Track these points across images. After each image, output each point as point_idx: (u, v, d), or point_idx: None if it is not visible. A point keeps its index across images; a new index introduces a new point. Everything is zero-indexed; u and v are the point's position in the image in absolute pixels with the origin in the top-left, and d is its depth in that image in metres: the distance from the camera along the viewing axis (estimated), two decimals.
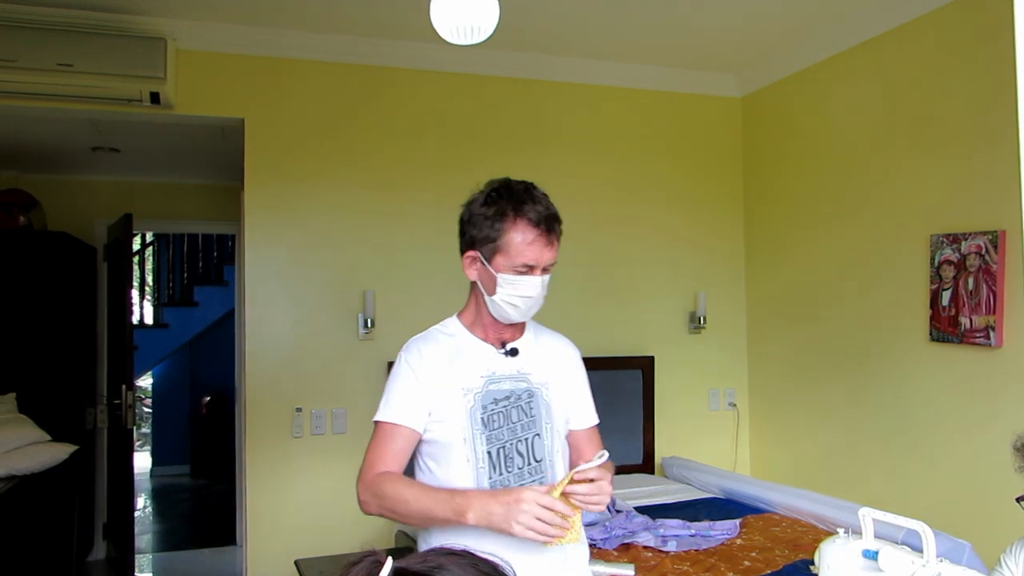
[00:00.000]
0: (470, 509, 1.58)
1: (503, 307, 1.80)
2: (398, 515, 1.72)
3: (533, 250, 1.75)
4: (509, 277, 1.76)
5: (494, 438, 1.77)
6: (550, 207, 1.80)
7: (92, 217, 5.55)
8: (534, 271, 1.77)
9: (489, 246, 1.78)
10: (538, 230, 1.75)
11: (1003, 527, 2.94)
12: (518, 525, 1.52)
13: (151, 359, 8.16)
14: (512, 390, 1.82)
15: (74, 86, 3.45)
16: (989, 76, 3.11)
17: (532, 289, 1.77)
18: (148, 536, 6.53)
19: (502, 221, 1.76)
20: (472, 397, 1.79)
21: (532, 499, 1.53)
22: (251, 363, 3.86)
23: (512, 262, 1.76)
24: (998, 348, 3.08)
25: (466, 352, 1.85)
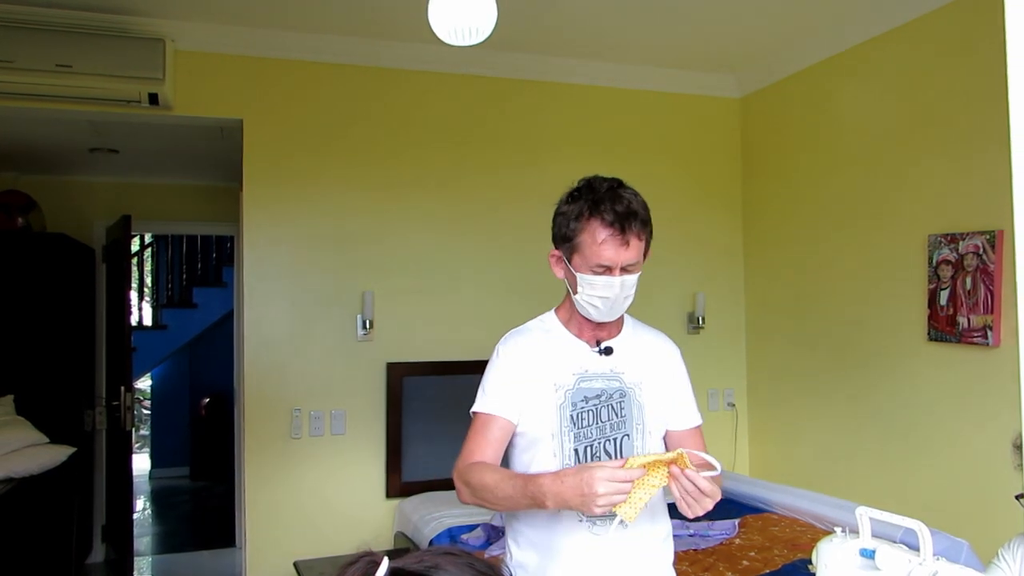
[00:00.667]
0: (546, 497, 1.57)
1: (585, 307, 1.80)
2: (488, 503, 1.72)
3: (607, 250, 1.72)
4: (587, 277, 1.75)
5: (582, 436, 1.78)
6: (632, 205, 1.75)
7: (91, 218, 5.55)
8: (612, 271, 1.74)
9: (567, 245, 1.78)
10: (612, 229, 1.71)
11: (1001, 526, 2.95)
12: (598, 508, 1.51)
13: (150, 361, 8.16)
14: (604, 389, 1.82)
15: (73, 87, 3.45)
16: (986, 76, 3.11)
17: (609, 290, 1.75)
18: (147, 538, 6.53)
19: (578, 221, 1.75)
20: (563, 393, 1.79)
21: (602, 480, 1.49)
22: (250, 364, 3.86)
23: (588, 262, 1.74)
24: (996, 347, 3.08)
25: (560, 348, 1.85)
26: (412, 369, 4.00)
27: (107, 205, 5.54)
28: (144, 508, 7.58)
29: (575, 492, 1.52)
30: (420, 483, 3.93)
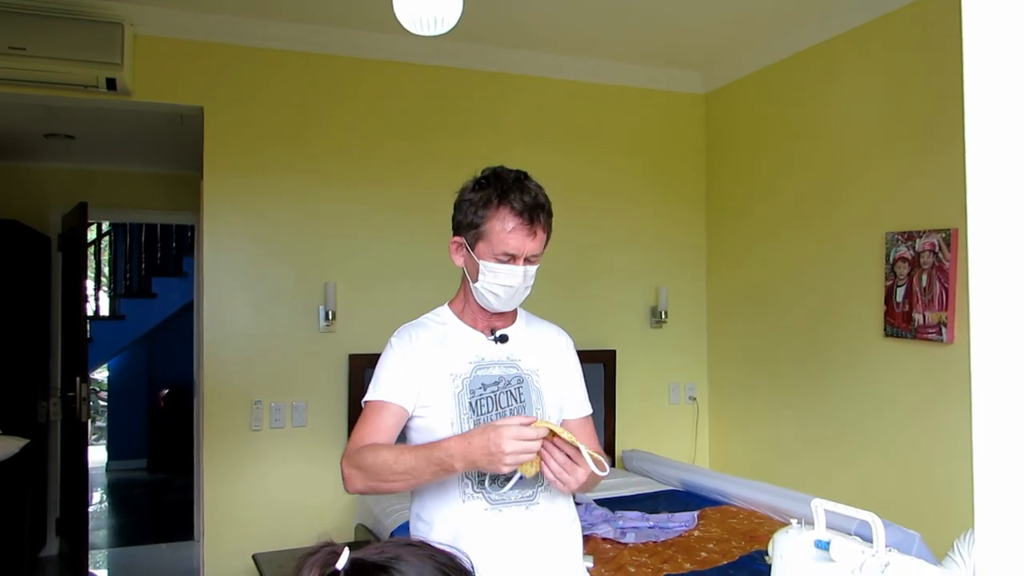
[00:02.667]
0: (453, 460, 1.58)
1: (485, 295, 1.80)
2: (384, 483, 1.69)
3: (515, 239, 1.74)
4: (491, 265, 1.76)
5: (482, 422, 1.76)
6: (539, 197, 1.77)
7: (46, 206, 5.42)
8: (516, 260, 1.76)
9: (472, 232, 1.77)
10: (521, 219, 1.73)
11: (952, 518, 3.02)
12: (506, 467, 1.53)
13: (107, 351, 8.02)
14: (502, 376, 1.82)
15: (27, 70, 3.36)
16: (944, 77, 3.17)
17: (513, 279, 1.76)
18: (103, 531, 6.43)
19: (486, 208, 1.75)
20: (460, 382, 1.79)
21: (509, 439, 1.52)
22: (210, 355, 3.81)
23: (494, 250, 1.75)
24: (950, 344, 3.15)
25: (455, 338, 1.85)
26: (374, 361, 3.93)
27: (63, 192, 5.42)
28: (100, 501, 7.46)
29: (483, 451, 1.54)
30: None
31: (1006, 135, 0.62)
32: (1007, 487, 0.60)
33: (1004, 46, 0.62)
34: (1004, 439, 0.60)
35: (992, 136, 0.64)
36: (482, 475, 1.75)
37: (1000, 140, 0.63)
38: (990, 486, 0.62)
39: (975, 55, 0.65)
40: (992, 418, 0.61)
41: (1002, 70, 0.63)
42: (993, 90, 0.64)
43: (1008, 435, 0.59)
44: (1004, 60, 0.63)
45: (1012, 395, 0.59)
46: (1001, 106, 0.63)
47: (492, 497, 1.75)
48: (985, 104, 0.64)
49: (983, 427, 0.63)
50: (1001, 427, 0.60)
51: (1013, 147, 0.62)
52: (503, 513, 1.75)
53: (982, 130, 0.65)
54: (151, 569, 5.44)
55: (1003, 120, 0.63)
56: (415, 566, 0.82)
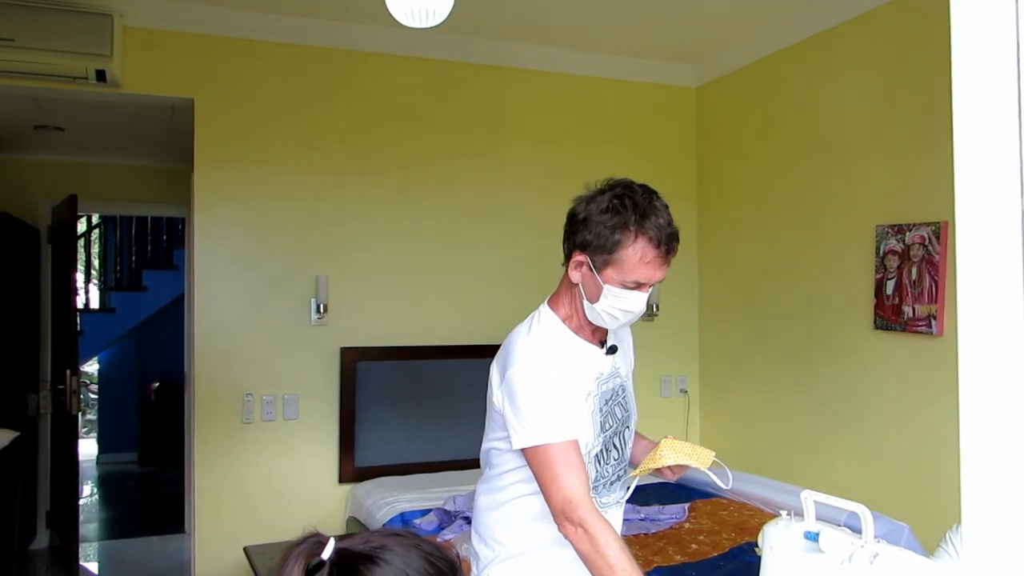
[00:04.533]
0: None
1: (602, 315, 1.73)
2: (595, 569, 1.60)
3: (649, 269, 1.68)
4: (616, 290, 1.69)
5: (602, 436, 1.78)
6: (671, 223, 1.69)
7: (35, 198, 5.40)
8: (643, 288, 1.70)
9: (602, 256, 1.68)
10: (658, 251, 1.66)
11: (941, 510, 3.04)
12: None
13: (98, 344, 7.99)
14: (614, 388, 1.82)
15: (15, 62, 3.34)
16: (935, 71, 3.18)
17: (638, 305, 1.71)
18: (94, 524, 6.42)
19: (623, 234, 1.66)
20: (592, 401, 1.77)
21: None
22: (200, 348, 3.80)
23: (624, 277, 1.68)
24: (939, 336, 3.16)
25: (577, 354, 1.79)
26: (366, 354, 3.97)
27: (52, 184, 5.40)
28: (91, 494, 7.44)
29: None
30: (373, 468, 3.92)
31: (993, 132, 0.63)
32: (992, 478, 0.60)
33: (990, 44, 0.62)
34: (989, 430, 0.60)
35: (979, 132, 0.64)
36: (598, 480, 1.79)
37: (987, 136, 0.63)
38: (976, 477, 0.62)
39: (963, 51, 0.66)
40: (978, 410, 0.62)
41: (988, 68, 0.63)
42: (980, 87, 0.64)
43: (993, 426, 0.60)
44: (990, 58, 0.63)
45: (997, 387, 0.59)
46: (987, 103, 0.63)
47: (601, 501, 1.79)
48: (972, 100, 0.64)
49: (969, 419, 0.64)
50: (986, 418, 0.61)
51: (999, 143, 0.62)
52: (606, 513, 1.76)
53: (969, 126, 0.65)
54: (142, 562, 5.43)
55: (989, 116, 0.63)
56: (401, 555, 0.82)
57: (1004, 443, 0.58)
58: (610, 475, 1.82)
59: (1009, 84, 0.61)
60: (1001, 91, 0.61)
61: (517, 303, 2.88)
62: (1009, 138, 0.60)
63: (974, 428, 0.62)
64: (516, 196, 4.28)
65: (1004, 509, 0.59)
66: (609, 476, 1.82)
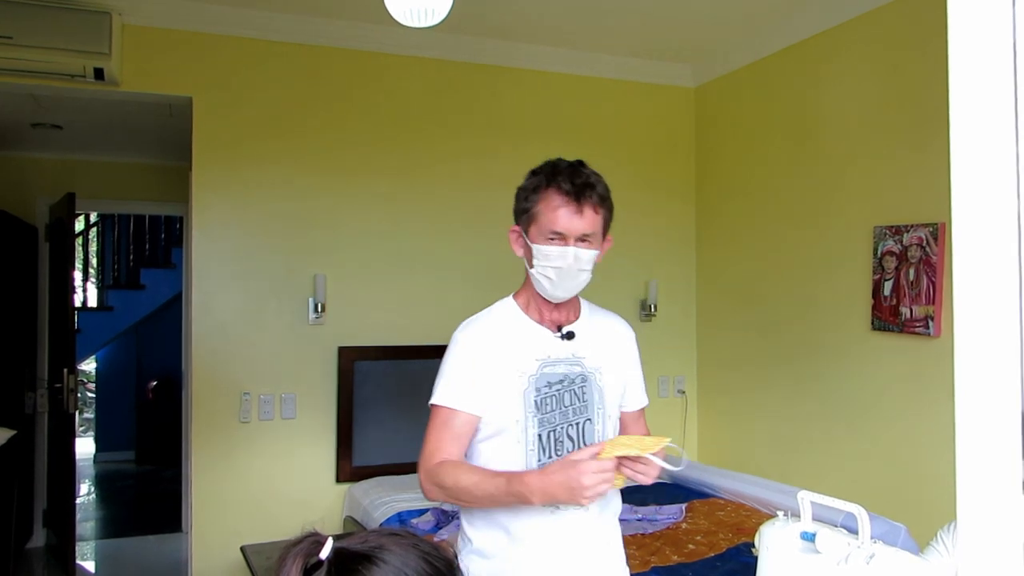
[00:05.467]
0: (532, 495, 1.59)
1: (540, 280, 1.78)
2: (463, 503, 1.73)
3: (561, 217, 1.73)
4: (542, 248, 1.75)
5: (546, 421, 1.77)
6: (590, 179, 1.76)
7: (33, 196, 5.39)
8: (566, 240, 1.74)
9: (525, 218, 1.80)
10: (567, 197, 1.73)
11: (938, 510, 3.04)
12: (586, 500, 1.55)
13: (95, 342, 7.98)
14: (566, 374, 1.81)
15: (13, 59, 3.33)
16: (933, 72, 3.18)
17: (563, 260, 1.74)
18: (91, 523, 6.41)
19: (536, 192, 1.77)
20: (527, 379, 1.78)
21: (590, 472, 1.53)
22: (198, 347, 3.80)
23: (542, 230, 1.75)
24: (937, 338, 3.16)
25: (522, 334, 1.83)
26: (364, 353, 3.97)
27: (50, 182, 5.39)
28: (88, 492, 7.43)
29: (563, 487, 1.55)
30: (371, 468, 3.92)
31: (989, 133, 0.63)
32: (987, 480, 0.60)
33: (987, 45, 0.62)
34: (985, 432, 0.60)
35: (976, 133, 0.64)
36: None
37: (983, 137, 0.63)
38: (971, 479, 0.62)
39: (960, 52, 0.66)
40: (974, 411, 0.62)
41: (985, 68, 0.63)
42: (976, 87, 0.64)
43: (988, 428, 0.60)
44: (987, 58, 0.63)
45: (993, 388, 0.60)
46: (984, 103, 0.63)
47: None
48: (969, 101, 0.65)
49: (965, 420, 0.64)
50: (982, 420, 0.61)
51: (996, 144, 0.62)
52: (560, 510, 1.76)
53: (966, 127, 0.65)
54: (139, 561, 5.43)
55: (986, 117, 0.63)
56: (399, 555, 0.82)
57: (999, 444, 0.58)
58: None
59: (1006, 85, 0.61)
60: (998, 92, 0.61)
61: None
62: (1006, 139, 0.61)
63: (970, 430, 0.62)
64: (514, 195, 4.27)
65: (999, 510, 0.59)
66: None
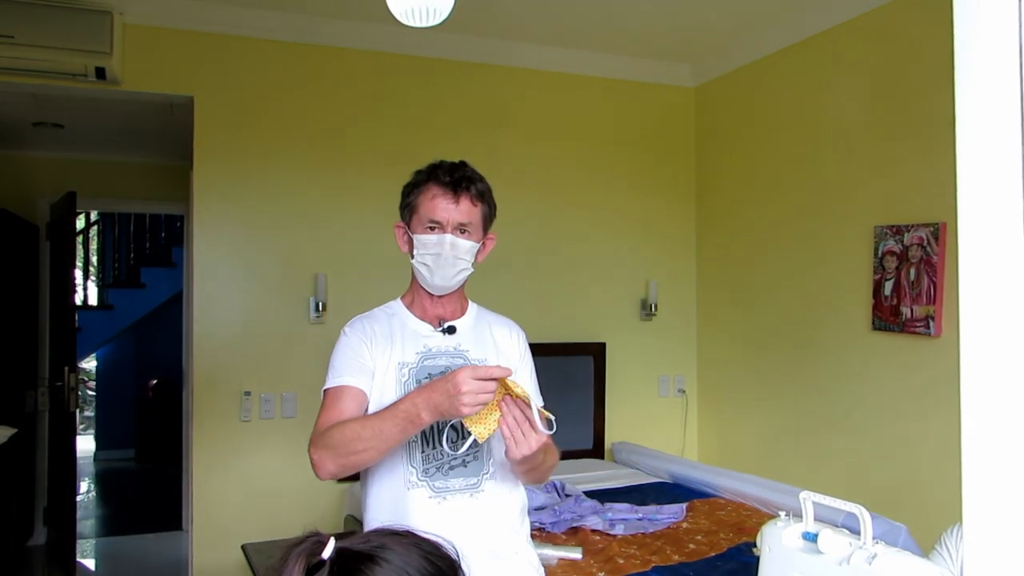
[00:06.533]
0: (419, 410, 1.58)
1: (419, 269, 1.83)
2: (354, 455, 1.67)
3: (438, 205, 1.79)
4: (421, 237, 1.81)
5: None
6: (470, 174, 1.83)
7: (34, 195, 5.39)
8: (443, 229, 1.79)
9: (407, 211, 1.87)
10: (444, 188, 1.80)
11: (938, 510, 3.04)
12: (467, 408, 1.53)
13: (95, 341, 7.99)
14: (448, 366, 1.82)
15: (15, 59, 3.34)
16: (935, 72, 3.18)
17: (439, 247, 1.79)
18: (91, 521, 6.41)
19: (418, 187, 1.85)
20: (407, 371, 1.81)
21: (467, 378, 1.53)
22: (199, 346, 3.80)
23: (422, 220, 1.81)
24: (937, 337, 3.16)
25: (403, 329, 1.87)
26: None
27: (51, 181, 5.39)
28: (88, 490, 7.44)
29: (444, 393, 1.55)
30: None
31: (995, 131, 0.63)
32: (994, 480, 0.60)
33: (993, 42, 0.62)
34: (991, 433, 0.60)
35: (981, 131, 0.64)
36: (428, 462, 1.77)
37: (989, 136, 0.63)
38: (977, 479, 0.62)
39: (966, 51, 0.66)
40: (980, 411, 0.61)
41: (991, 68, 0.63)
42: (982, 86, 0.64)
43: (995, 429, 0.60)
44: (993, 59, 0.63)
45: (999, 389, 0.59)
46: (991, 103, 0.63)
47: (436, 485, 1.77)
48: (975, 100, 0.64)
49: (971, 421, 0.63)
50: (988, 421, 0.60)
51: (1002, 143, 0.62)
52: (447, 501, 1.77)
53: (972, 125, 0.65)
54: (139, 559, 5.43)
55: (992, 116, 0.63)
56: (400, 554, 0.82)
57: (1006, 445, 0.58)
58: (445, 458, 1.78)
59: (1012, 83, 0.61)
60: (1004, 90, 0.61)
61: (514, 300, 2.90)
62: (1012, 137, 0.60)
63: (976, 430, 0.62)
64: (514, 195, 4.27)
65: (1005, 511, 0.59)
66: (444, 459, 1.78)
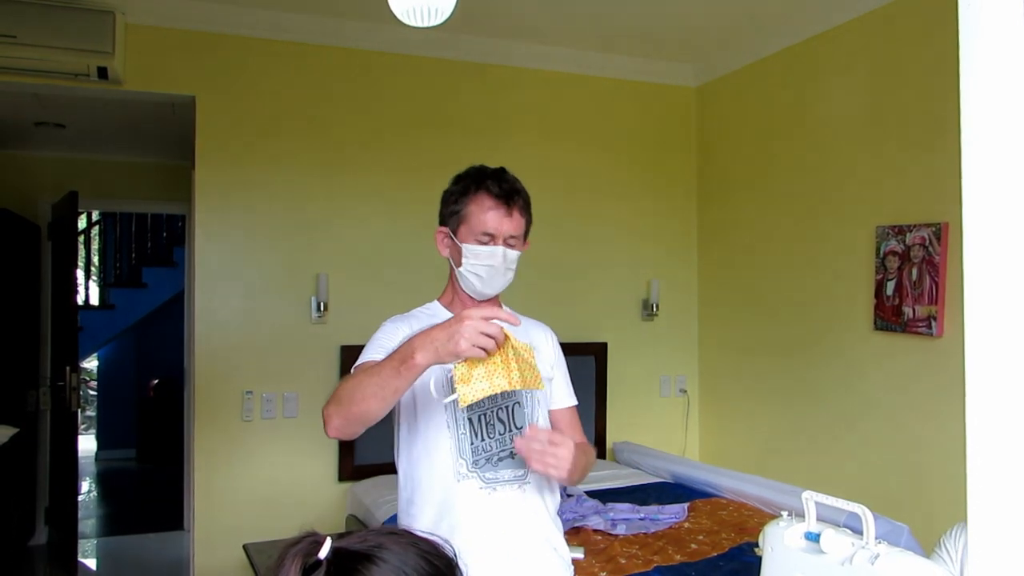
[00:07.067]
0: (414, 349, 1.54)
1: (469, 278, 1.86)
2: (357, 406, 1.65)
3: (492, 218, 1.83)
4: (472, 247, 1.84)
5: (475, 406, 1.79)
6: (516, 185, 1.88)
7: (36, 194, 5.40)
8: (495, 240, 1.84)
9: (454, 219, 1.88)
10: (497, 200, 1.83)
11: (939, 511, 3.04)
12: (464, 342, 1.49)
13: (97, 341, 7.99)
14: None
15: (17, 58, 3.34)
16: (936, 71, 3.17)
17: (493, 258, 1.83)
18: (92, 521, 6.42)
19: (466, 195, 1.86)
20: (442, 371, 1.79)
21: (475, 315, 1.51)
22: (201, 346, 3.80)
23: (473, 231, 1.84)
24: (939, 338, 3.16)
25: None
26: None
27: (53, 181, 5.40)
28: (89, 490, 7.44)
29: (444, 329, 1.52)
30: (372, 466, 3.91)
31: (1000, 130, 0.62)
32: (999, 480, 0.59)
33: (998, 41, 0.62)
34: (996, 432, 0.60)
35: (987, 132, 0.64)
36: (477, 453, 1.79)
37: (995, 137, 0.63)
38: (983, 479, 0.62)
39: (971, 51, 0.65)
40: (985, 411, 0.61)
41: (997, 68, 0.62)
42: (988, 87, 0.63)
43: (1000, 428, 0.59)
44: (999, 58, 0.62)
45: (1005, 388, 0.59)
46: (996, 103, 0.62)
47: (486, 476, 1.79)
48: (980, 100, 0.64)
49: (976, 421, 0.63)
50: (993, 420, 0.60)
51: (1007, 142, 0.62)
52: (497, 492, 1.79)
53: (978, 126, 0.65)
54: (140, 558, 5.43)
55: (998, 117, 0.62)
56: (398, 554, 0.82)
57: (1011, 445, 0.58)
58: (494, 449, 1.81)
59: (1018, 81, 0.60)
60: (1008, 90, 0.61)
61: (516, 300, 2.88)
62: (1018, 136, 0.60)
63: (981, 430, 0.62)
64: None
65: (1011, 510, 0.59)
66: (494, 451, 1.81)
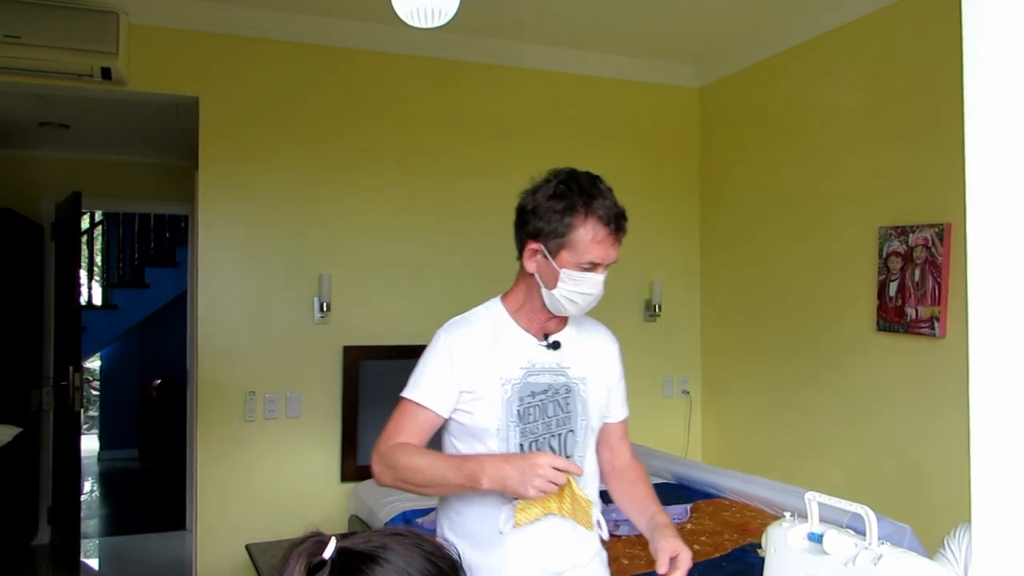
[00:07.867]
0: (484, 475, 1.57)
1: (562, 302, 1.76)
2: (412, 485, 1.70)
3: (601, 248, 1.73)
4: (573, 273, 1.73)
5: (528, 431, 1.76)
6: (617, 203, 1.76)
7: (39, 194, 5.40)
8: (598, 268, 1.75)
9: (556, 241, 1.74)
10: (608, 228, 1.72)
11: (943, 511, 3.04)
12: (532, 488, 1.52)
13: (100, 341, 8.00)
14: (551, 384, 1.80)
15: (21, 59, 3.34)
16: (939, 71, 3.17)
17: (595, 287, 1.75)
18: (95, 520, 6.43)
19: (572, 216, 1.72)
20: (510, 388, 1.77)
21: (548, 463, 1.53)
22: (203, 346, 3.80)
23: (578, 259, 1.72)
24: (942, 338, 3.16)
25: (507, 339, 1.82)
26: (369, 352, 3.97)
27: (56, 181, 5.40)
28: (92, 490, 7.45)
29: (517, 469, 1.55)
30: None
31: (1005, 132, 0.62)
32: (1003, 480, 0.60)
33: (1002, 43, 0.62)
34: (1000, 432, 0.60)
35: (991, 133, 0.64)
36: None
37: (999, 137, 0.63)
38: (987, 479, 0.62)
39: (975, 52, 0.65)
40: (989, 412, 0.61)
41: (1000, 68, 0.62)
42: (993, 87, 0.63)
43: (1004, 428, 0.59)
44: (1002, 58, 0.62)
45: (1009, 389, 0.59)
46: (1000, 103, 0.62)
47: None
48: (985, 101, 0.64)
49: (980, 421, 0.63)
50: (997, 420, 0.60)
51: (1012, 144, 0.62)
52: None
53: (981, 127, 0.65)
54: (143, 558, 5.44)
55: (1002, 117, 0.62)
56: (402, 555, 0.82)
57: (1015, 445, 0.58)
58: None
59: (1021, 81, 0.60)
60: (1014, 88, 0.61)
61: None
62: (1021, 137, 0.60)
63: (985, 430, 0.62)
64: (518, 195, 4.27)
65: (1015, 510, 0.59)
66: None
